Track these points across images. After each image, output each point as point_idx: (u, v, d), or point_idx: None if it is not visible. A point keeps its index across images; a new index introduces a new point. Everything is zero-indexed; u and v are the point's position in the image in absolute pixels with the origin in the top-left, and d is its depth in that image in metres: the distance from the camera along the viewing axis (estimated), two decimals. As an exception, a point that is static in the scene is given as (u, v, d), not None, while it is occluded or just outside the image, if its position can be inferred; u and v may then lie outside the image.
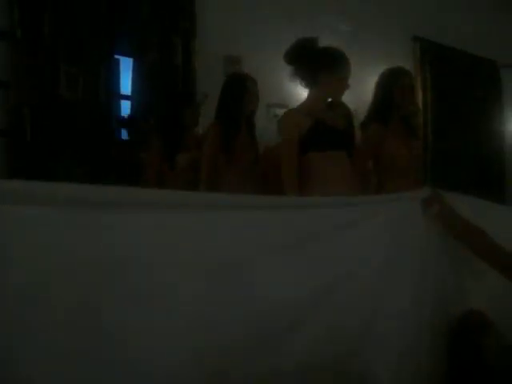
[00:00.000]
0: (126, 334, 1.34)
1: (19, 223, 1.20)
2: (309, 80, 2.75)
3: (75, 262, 1.26)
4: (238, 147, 3.08)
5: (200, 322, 1.47)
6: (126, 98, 4.29)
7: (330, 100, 2.87)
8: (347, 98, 2.90)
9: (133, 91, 4.14)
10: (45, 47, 3.50)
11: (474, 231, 2.08)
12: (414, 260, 2.08)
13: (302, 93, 2.91)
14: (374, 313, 1.96)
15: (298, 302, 1.72)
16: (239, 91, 3.12)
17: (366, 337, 1.93)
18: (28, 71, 3.38)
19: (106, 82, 3.84)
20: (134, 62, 4.10)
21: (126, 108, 4.30)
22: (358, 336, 1.91)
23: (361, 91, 3.52)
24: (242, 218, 1.60)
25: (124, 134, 4.18)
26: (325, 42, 2.80)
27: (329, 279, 1.83)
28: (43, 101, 3.45)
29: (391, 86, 3.14)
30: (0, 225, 1.18)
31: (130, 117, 4.06)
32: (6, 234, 1.19)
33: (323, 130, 2.64)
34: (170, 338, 1.40)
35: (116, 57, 4.19)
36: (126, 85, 4.30)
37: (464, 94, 6.01)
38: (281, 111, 3.45)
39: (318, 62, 2.70)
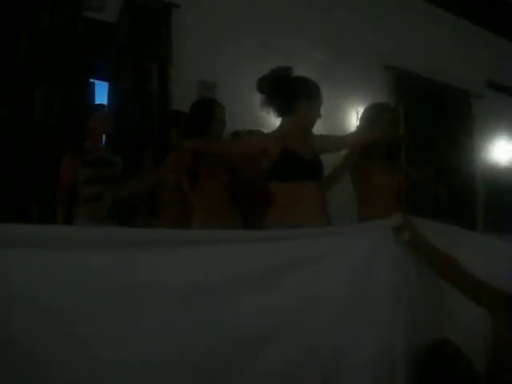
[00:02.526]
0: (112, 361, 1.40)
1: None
2: (284, 108, 2.76)
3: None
4: (203, 174, 2.99)
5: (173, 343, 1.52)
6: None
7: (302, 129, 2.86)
8: (319, 125, 2.92)
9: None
10: (20, 70, 3.51)
11: (443, 257, 2.11)
12: (387, 286, 2.09)
13: (275, 120, 2.92)
14: (347, 340, 1.96)
15: (267, 327, 1.74)
16: (206, 117, 3.06)
17: (340, 364, 1.94)
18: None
19: (81, 106, 3.82)
20: (110, 87, 4.09)
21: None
22: (331, 362, 1.92)
23: (333, 119, 3.54)
24: (214, 251, 1.66)
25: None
26: (298, 69, 2.83)
27: (301, 305, 1.84)
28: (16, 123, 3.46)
29: (373, 121, 3.23)
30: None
31: None
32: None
33: (289, 159, 2.65)
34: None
35: (91, 80, 4.18)
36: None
37: (436, 123, 6.10)
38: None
39: (295, 90, 2.73)
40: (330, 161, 2.99)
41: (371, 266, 2.06)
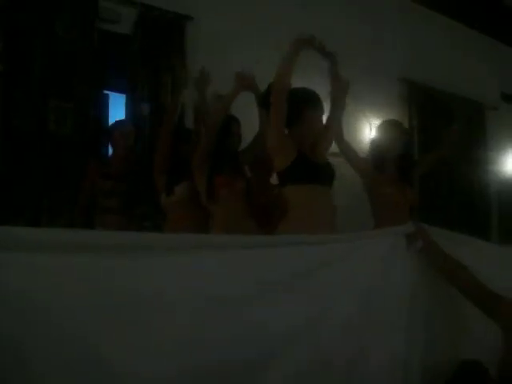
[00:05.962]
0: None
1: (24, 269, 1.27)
2: (291, 119, 2.70)
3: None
4: (220, 183, 2.93)
5: (188, 351, 1.51)
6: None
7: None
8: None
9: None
10: (34, 81, 3.55)
11: (457, 267, 2.08)
12: (400, 294, 2.08)
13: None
14: (360, 351, 1.95)
15: (281, 336, 1.72)
16: (222, 133, 3.02)
17: (354, 376, 1.92)
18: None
19: (95, 117, 3.86)
20: (127, 99, 4.12)
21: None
22: (344, 374, 1.90)
23: (348, 131, 3.53)
24: (228, 257, 1.66)
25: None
26: (310, 80, 2.84)
27: (312, 315, 1.83)
28: (29, 135, 3.50)
29: (384, 139, 3.35)
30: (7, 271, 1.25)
31: None
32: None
33: (305, 162, 2.64)
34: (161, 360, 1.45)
35: (105, 92, 4.22)
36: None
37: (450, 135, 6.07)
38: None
39: (299, 101, 2.73)
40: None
41: (383, 272, 2.05)
